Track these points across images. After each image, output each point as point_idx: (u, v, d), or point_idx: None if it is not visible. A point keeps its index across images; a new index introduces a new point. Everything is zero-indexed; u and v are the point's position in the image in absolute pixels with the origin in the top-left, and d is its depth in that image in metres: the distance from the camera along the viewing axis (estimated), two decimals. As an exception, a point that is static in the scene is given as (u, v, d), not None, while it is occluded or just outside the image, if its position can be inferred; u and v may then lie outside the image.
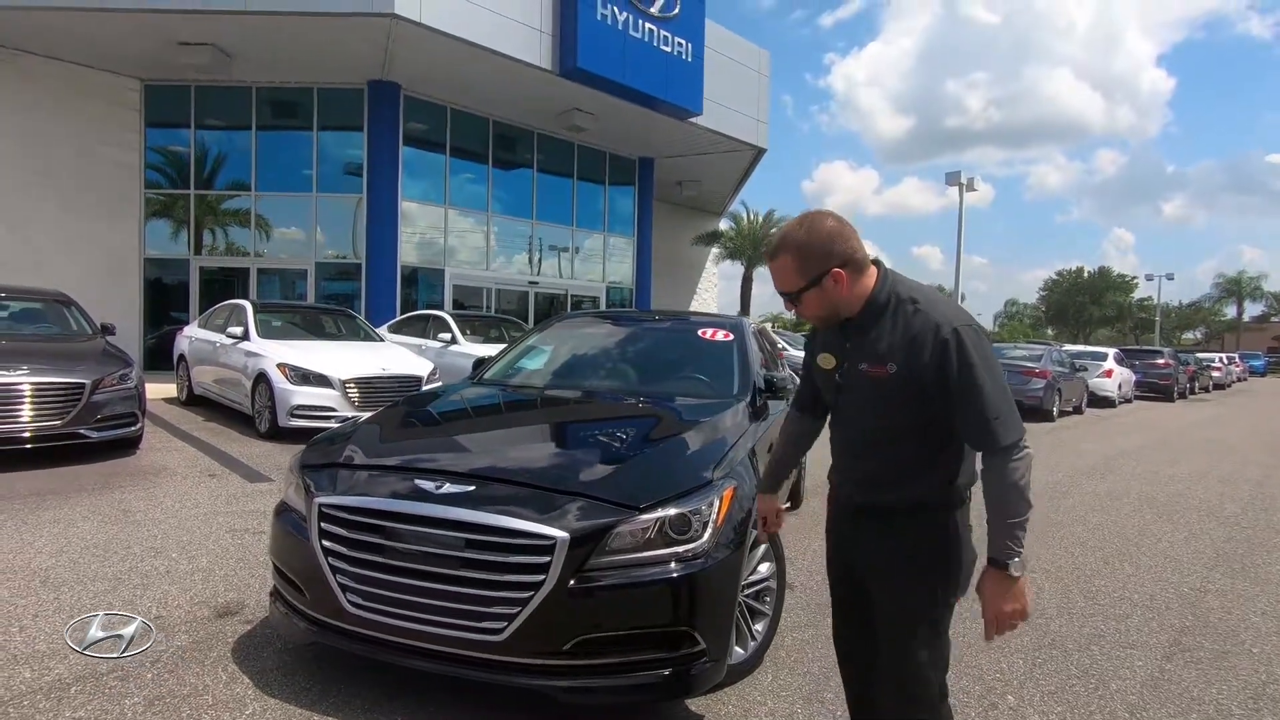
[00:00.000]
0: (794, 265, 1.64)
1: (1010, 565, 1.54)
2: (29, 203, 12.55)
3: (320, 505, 2.42)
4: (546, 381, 3.94)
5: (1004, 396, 1.56)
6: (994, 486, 1.57)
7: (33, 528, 4.20)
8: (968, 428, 1.58)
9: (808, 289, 1.64)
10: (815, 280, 1.63)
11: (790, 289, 1.66)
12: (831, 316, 1.70)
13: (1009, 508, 1.55)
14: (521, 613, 2.15)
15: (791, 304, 1.70)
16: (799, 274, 1.64)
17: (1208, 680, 2.92)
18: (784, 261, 1.65)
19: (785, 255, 1.65)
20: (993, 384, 1.54)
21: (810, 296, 1.65)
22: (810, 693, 2.66)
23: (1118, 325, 64.88)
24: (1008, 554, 1.54)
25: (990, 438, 1.54)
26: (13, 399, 5.48)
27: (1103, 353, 18.62)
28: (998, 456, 1.55)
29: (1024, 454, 1.55)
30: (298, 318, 9.50)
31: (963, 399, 1.55)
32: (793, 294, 1.67)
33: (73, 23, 11.28)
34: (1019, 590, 1.56)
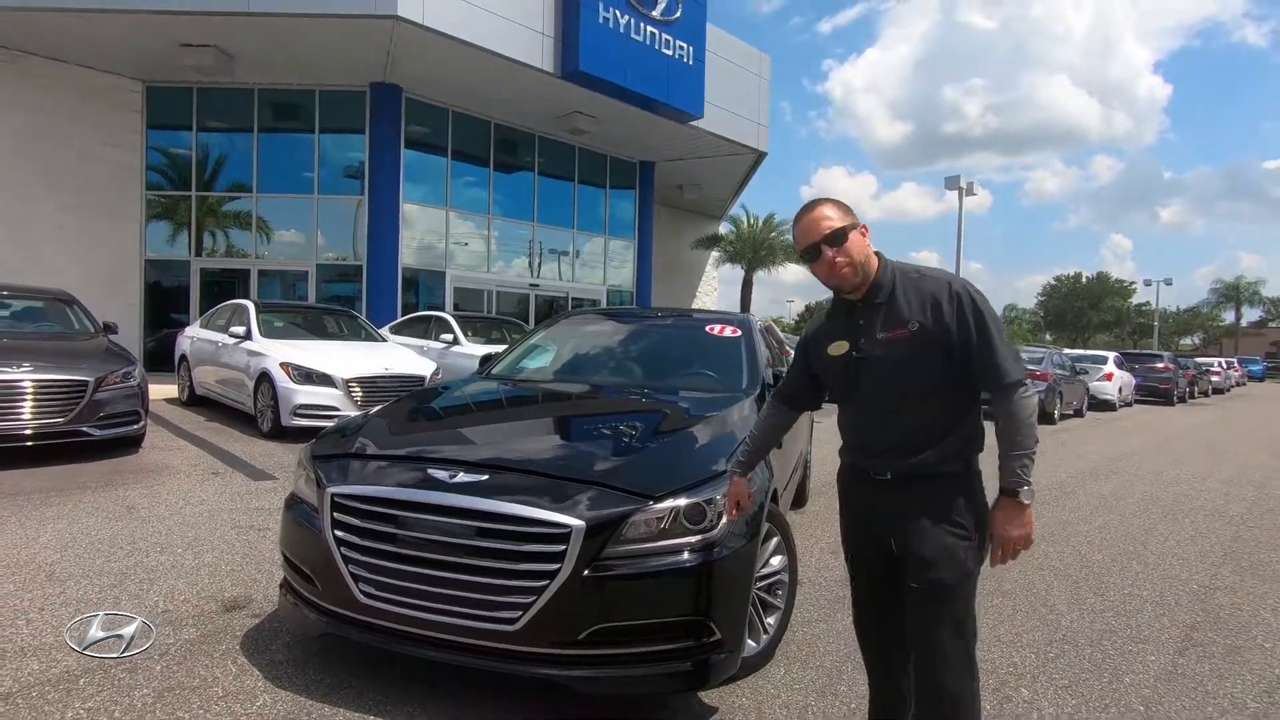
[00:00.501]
0: (835, 212, 1.82)
1: (1020, 493, 1.71)
2: (30, 203, 12.53)
3: (333, 495, 2.41)
4: (555, 376, 3.94)
5: (1007, 342, 1.78)
6: (1005, 420, 1.74)
7: (37, 524, 4.18)
8: (983, 369, 1.75)
9: (851, 229, 1.81)
10: (852, 225, 1.82)
11: (839, 226, 1.80)
12: (860, 275, 1.82)
13: (1019, 440, 1.72)
14: (536, 602, 2.14)
15: (836, 248, 1.79)
16: (841, 219, 1.81)
17: (1221, 674, 2.90)
18: (826, 208, 1.83)
19: (825, 205, 1.84)
20: (998, 332, 1.76)
21: (853, 238, 1.80)
22: (824, 686, 2.64)
23: (1116, 330, 64.97)
24: (1018, 482, 1.72)
25: (1001, 375, 1.73)
26: (15, 396, 5.46)
27: (1103, 356, 18.65)
28: (1007, 391, 1.73)
29: (1030, 391, 1.75)
30: (300, 318, 9.49)
31: (980, 344, 1.74)
32: (840, 231, 1.80)
33: (75, 24, 11.28)
34: (1027, 517, 1.74)
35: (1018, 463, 1.72)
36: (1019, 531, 1.73)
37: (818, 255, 1.81)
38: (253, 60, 12.89)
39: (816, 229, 1.81)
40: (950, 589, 1.74)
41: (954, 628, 1.75)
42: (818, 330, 2.01)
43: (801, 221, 1.85)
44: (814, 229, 1.81)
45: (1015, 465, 1.72)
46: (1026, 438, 1.72)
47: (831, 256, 1.79)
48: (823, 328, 1.98)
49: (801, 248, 1.85)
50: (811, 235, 1.82)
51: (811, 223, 1.82)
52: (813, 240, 1.81)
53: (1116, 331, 65.19)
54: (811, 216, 1.82)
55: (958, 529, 1.76)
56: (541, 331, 4.56)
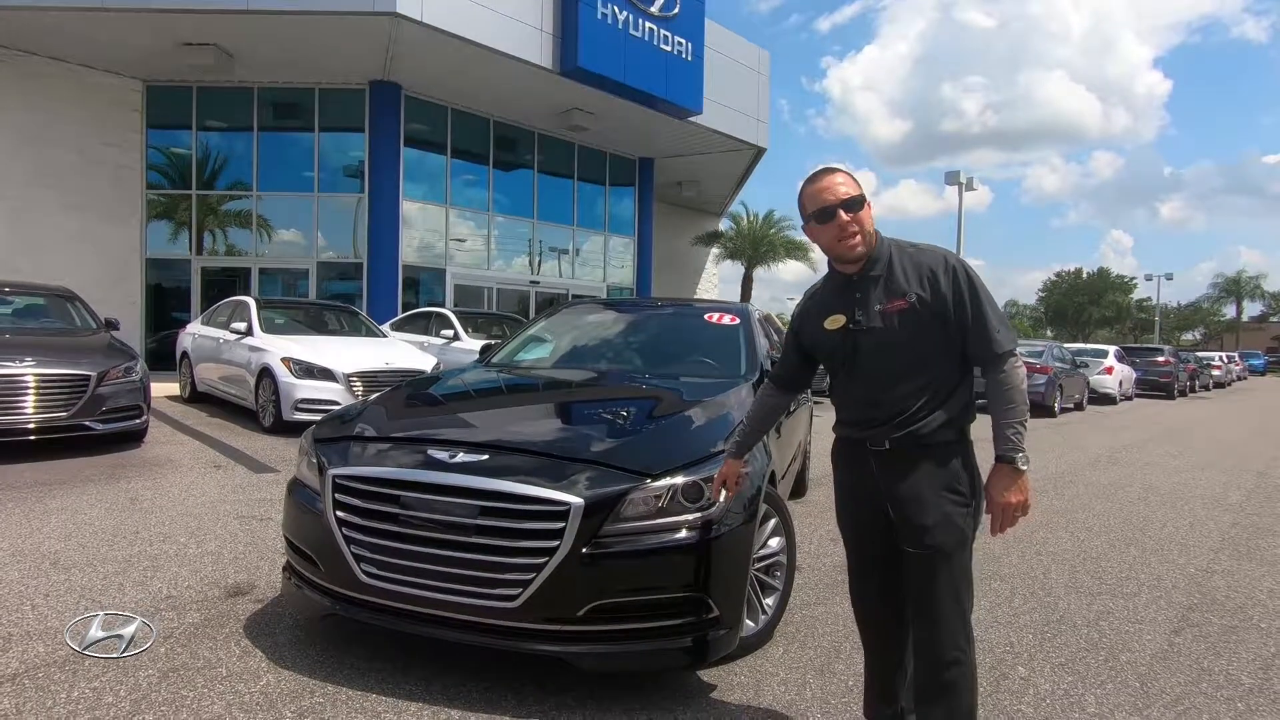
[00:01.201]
0: (850, 181, 1.84)
1: (1016, 459, 1.75)
2: (32, 203, 12.56)
3: (334, 477, 2.43)
4: (554, 364, 3.96)
5: (1000, 314, 1.82)
6: (997, 389, 1.79)
7: (41, 515, 4.21)
8: (977, 339, 1.79)
9: (865, 200, 1.83)
10: (864, 198, 1.83)
11: (856, 194, 1.82)
12: (867, 245, 1.85)
13: (1012, 408, 1.76)
14: (535, 579, 2.16)
15: (852, 214, 1.81)
16: (855, 186, 1.84)
17: (1217, 652, 2.92)
18: (842, 175, 1.85)
19: (841, 172, 1.86)
20: (991, 304, 1.81)
21: (866, 208, 1.83)
22: (822, 665, 2.66)
23: (1117, 326, 64.95)
24: (1013, 449, 1.75)
25: (994, 344, 1.78)
26: (18, 390, 5.49)
27: (1103, 350, 18.65)
28: (999, 360, 1.78)
29: (1020, 361, 1.81)
30: (301, 314, 9.52)
31: (974, 315, 1.78)
32: (857, 199, 1.81)
33: (75, 23, 11.30)
34: (1023, 483, 1.77)
35: (1011, 429, 1.75)
36: (1017, 497, 1.76)
37: (831, 217, 1.81)
38: (252, 59, 12.91)
39: (835, 192, 1.81)
40: (948, 555, 1.77)
41: (952, 594, 1.78)
42: (810, 306, 2.02)
43: (817, 183, 1.84)
44: (832, 191, 1.82)
45: (1009, 432, 1.76)
46: (1018, 405, 1.76)
47: (846, 220, 1.80)
48: (816, 303, 2.00)
49: (813, 209, 1.84)
50: (827, 198, 1.82)
51: (830, 185, 1.83)
52: (829, 203, 1.81)
53: (1118, 327, 65.17)
54: (830, 180, 1.83)
55: (956, 496, 1.80)
56: (541, 322, 4.59)
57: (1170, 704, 2.48)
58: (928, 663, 1.80)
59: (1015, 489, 1.76)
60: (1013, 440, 1.75)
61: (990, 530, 1.84)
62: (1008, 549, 4.31)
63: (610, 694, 2.34)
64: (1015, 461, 1.74)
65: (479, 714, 2.22)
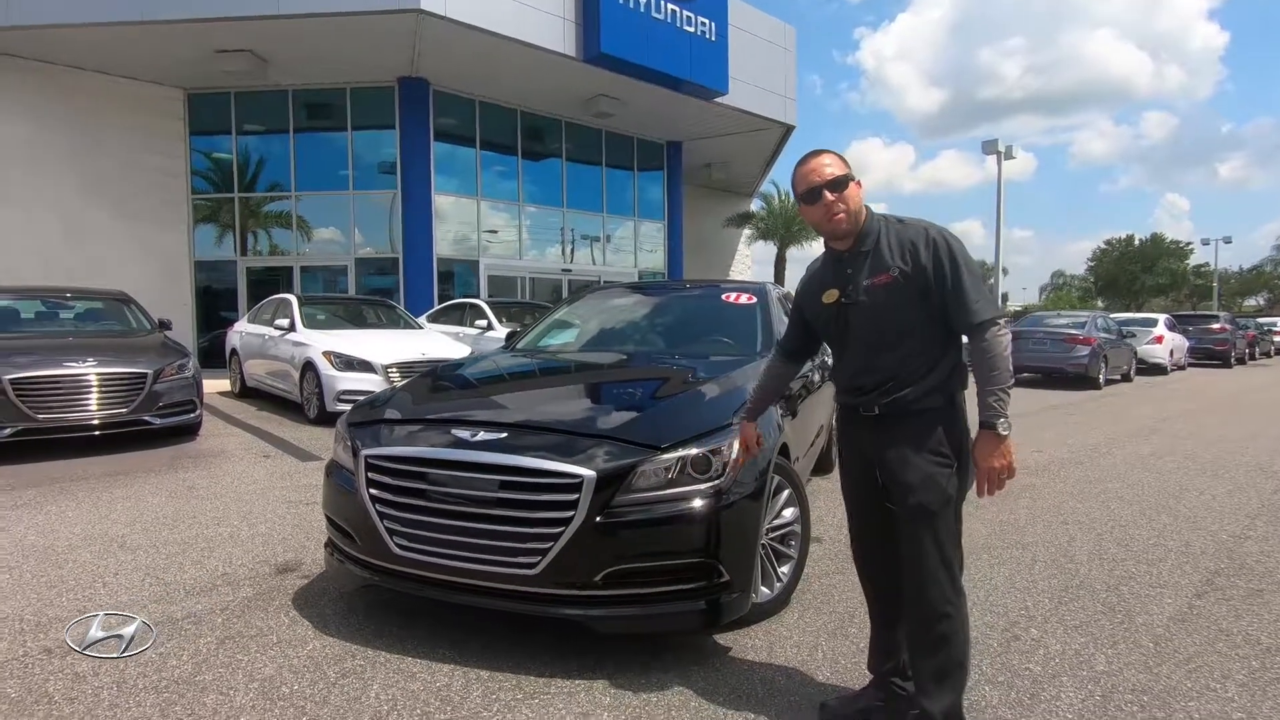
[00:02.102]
0: (836, 161, 1.95)
1: (998, 425, 1.81)
2: (86, 212, 13.18)
3: (367, 458, 2.61)
4: (576, 347, 4.09)
5: (981, 284, 1.88)
6: (980, 357, 1.85)
7: (107, 503, 4.53)
8: (956, 309, 1.86)
9: (849, 180, 1.93)
10: (850, 177, 1.94)
11: (841, 174, 1.93)
12: (854, 223, 1.95)
13: (994, 375, 1.82)
14: (553, 548, 2.30)
15: (836, 194, 1.91)
16: (841, 168, 1.94)
17: (1238, 614, 2.92)
18: (828, 157, 1.96)
19: (827, 154, 1.97)
20: (971, 275, 1.87)
21: (852, 187, 1.93)
22: (835, 629, 2.76)
23: (1173, 294, 62.40)
24: (995, 415, 1.81)
25: (972, 314, 1.84)
26: (83, 389, 5.86)
27: (1152, 319, 18.04)
28: (980, 330, 1.84)
29: (1003, 329, 1.84)
30: (340, 309, 9.85)
31: (953, 286, 1.86)
32: (842, 179, 1.92)
33: (119, 36, 11.78)
34: (1006, 448, 1.82)
35: (992, 397, 1.81)
36: (1000, 462, 1.82)
37: (818, 198, 1.93)
38: (285, 62, 13.27)
39: (820, 173, 1.93)
40: (932, 513, 1.85)
41: (938, 550, 1.86)
42: (810, 281, 2.14)
43: (805, 165, 1.97)
44: (818, 172, 1.94)
45: (990, 400, 1.82)
46: (1000, 373, 1.81)
47: (831, 200, 1.91)
48: (815, 278, 2.12)
49: (802, 190, 1.97)
50: (813, 179, 1.94)
51: (816, 167, 1.95)
52: (814, 184, 1.93)
53: (1174, 295, 62.64)
54: (815, 162, 1.96)
55: (939, 458, 1.87)
56: (565, 307, 4.72)
57: (1182, 662, 2.50)
58: (919, 616, 1.89)
59: (998, 454, 1.81)
60: (994, 407, 1.81)
61: (976, 493, 1.90)
62: (1033, 518, 4.32)
63: (628, 655, 2.47)
64: (996, 427, 1.80)
65: (506, 674, 2.37)
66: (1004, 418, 1.81)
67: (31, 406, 5.64)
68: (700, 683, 2.33)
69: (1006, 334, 1.85)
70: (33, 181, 12.64)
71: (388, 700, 2.23)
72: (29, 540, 3.79)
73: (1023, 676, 2.40)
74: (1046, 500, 4.78)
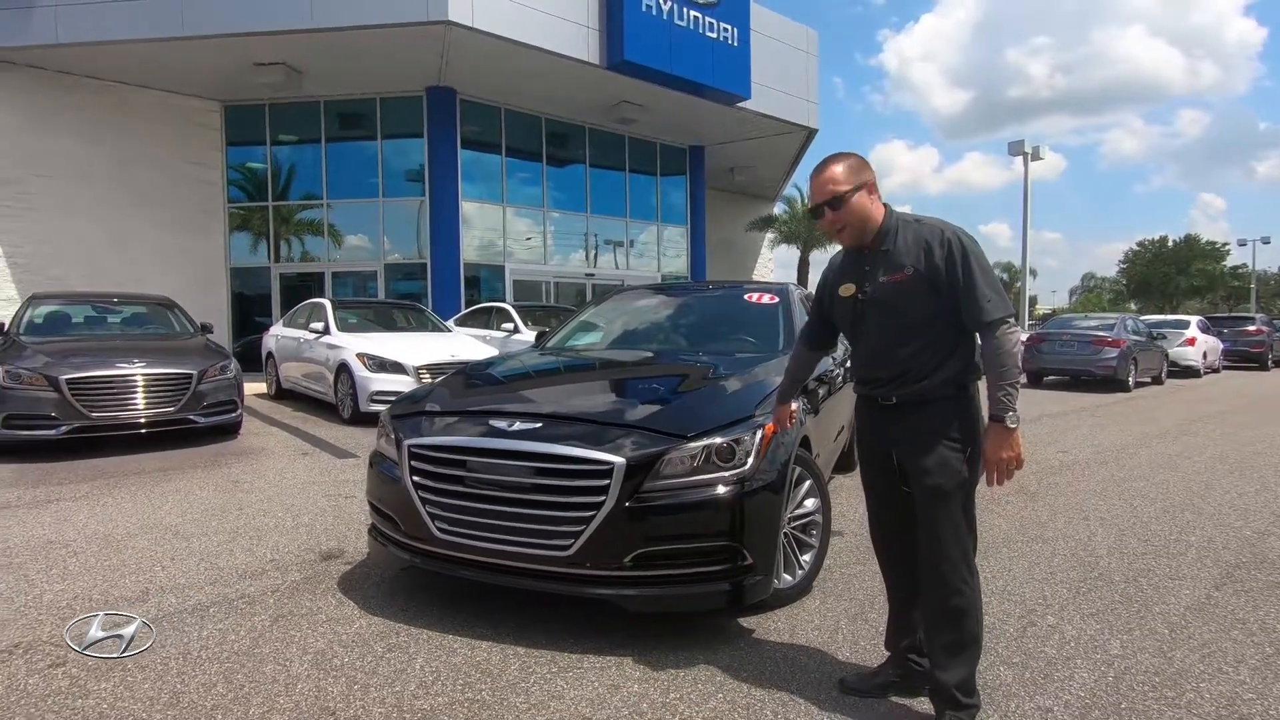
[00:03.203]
0: (842, 175, 2.05)
1: (1006, 418, 1.89)
2: (129, 222, 13.67)
3: (410, 447, 2.77)
4: (604, 346, 4.23)
5: (993, 283, 1.96)
6: (991, 355, 1.94)
7: (159, 495, 4.77)
8: (968, 307, 1.95)
9: (854, 192, 2.03)
10: (856, 188, 2.03)
11: (842, 190, 2.03)
12: (862, 230, 2.07)
13: (1003, 371, 1.91)
14: (585, 531, 2.44)
15: (835, 210, 2.02)
16: (846, 181, 2.04)
17: (1255, 604, 2.97)
18: (836, 169, 2.06)
19: (835, 166, 2.06)
20: (983, 273, 1.95)
21: (855, 201, 2.03)
22: (855, 613, 2.86)
23: (1209, 295, 60.95)
24: (1004, 409, 1.90)
25: (982, 313, 1.92)
26: (133, 388, 6.15)
27: (1184, 321, 17.76)
28: (990, 328, 1.93)
29: (1013, 328, 1.93)
30: (372, 313, 10.12)
31: (965, 284, 1.94)
32: (840, 196, 2.03)
33: (160, 52, 12.23)
34: (1015, 440, 1.91)
35: (1001, 391, 1.91)
36: (1008, 454, 1.91)
37: (820, 215, 2.09)
38: (318, 74, 13.66)
39: (822, 191, 2.06)
40: (948, 494, 1.97)
41: (953, 529, 1.97)
42: (830, 275, 2.28)
43: (815, 176, 2.09)
44: (819, 191, 2.07)
45: (999, 394, 1.91)
46: (1008, 369, 1.91)
47: (830, 219, 2.06)
48: (834, 272, 2.25)
49: (810, 204, 2.11)
50: (815, 197, 2.08)
51: (819, 184, 2.07)
52: (816, 202, 2.08)
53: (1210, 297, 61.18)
54: (821, 178, 2.07)
55: (952, 443, 1.98)
56: (591, 308, 4.87)
57: (1196, 648, 2.57)
58: (934, 593, 2.00)
59: (1006, 445, 1.90)
60: (1003, 401, 1.90)
61: (986, 483, 1.99)
62: (1054, 514, 4.37)
63: (657, 634, 2.60)
64: (1005, 420, 1.89)
65: (540, 650, 2.52)
66: (1012, 411, 1.90)
67: (86, 405, 5.93)
68: (725, 659, 2.45)
69: (1016, 332, 1.94)
70: (80, 192, 13.16)
71: (431, 672, 2.38)
72: (90, 529, 4.02)
73: (1037, 659, 2.48)
74: (1069, 498, 4.82)
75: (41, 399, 5.85)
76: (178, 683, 2.33)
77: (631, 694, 2.24)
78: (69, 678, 2.37)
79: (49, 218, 12.88)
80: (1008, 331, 1.92)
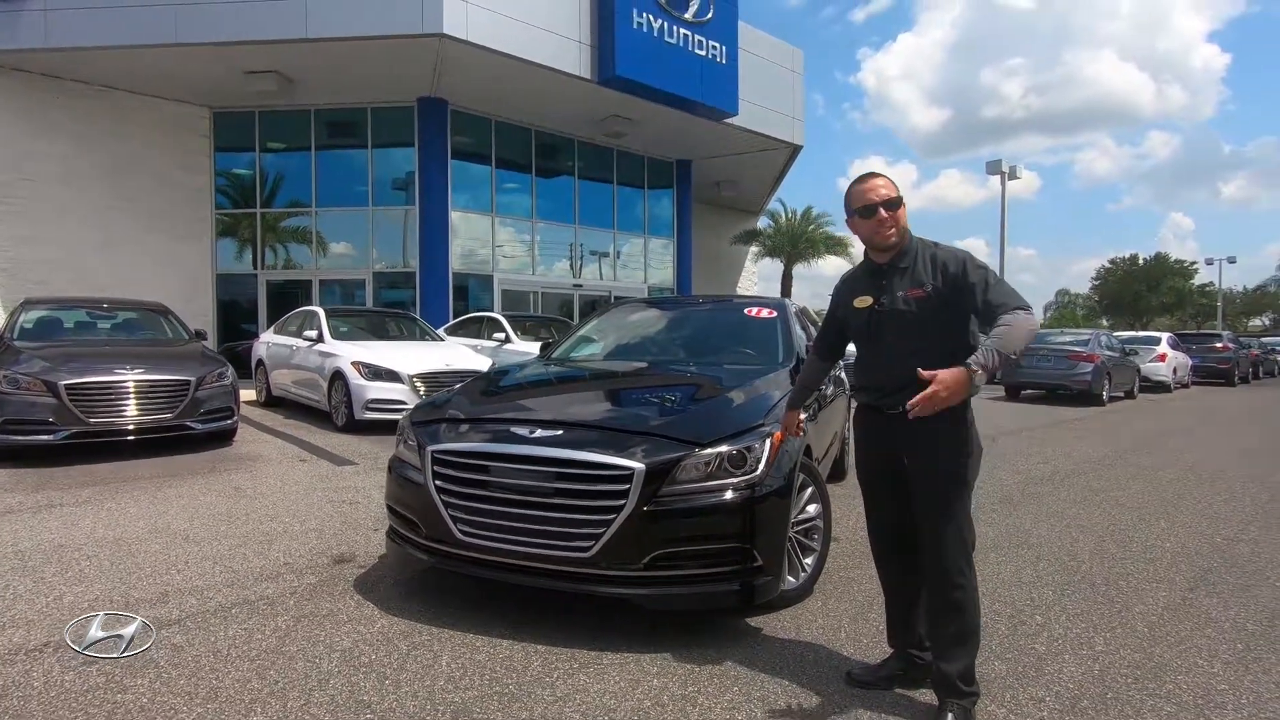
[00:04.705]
0: (891, 185, 2.25)
1: (971, 363, 1.91)
2: (117, 227, 13.59)
3: (433, 452, 2.89)
4: (613, 358, 4.37)
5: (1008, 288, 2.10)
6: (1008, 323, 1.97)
7: (164, 501, 4.81)
8: (986, 307, 2.07)
9: (902, 202, 2.24)
10: (902, 200, 2.24)
11: (894, 196, 2.22)
12: (901, 238, 2.24)
13: (1007, 338, 1.94)
14: (606, 533, 2.57)
15: (889, 213, 2.20)
16: (896, 192, 2.24)
17: (1226, 605, 3.17)
18: (885, 181, 2.26)
19: (882, 177, 2.27)
20: (998, 283, 2.12)
21: (903, 209, 2.25)
22: (855, 614, 3.01)
23: (1178, 313, 62.56)
24: (978, 360, 1.91)
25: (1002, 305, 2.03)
26: (132, 394, 6.16)
27: (1155, 337, 18.29)
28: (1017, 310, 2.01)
29: (1031, 314, 2.02)
30: (364, 321, 10.17)
31: (981, 289, 2.09)
32: (895, 200, 2.22)
33: (153, 58, 12.23)
34: (960, 383, 1.90)
35: (990, 349, 1.91)
36: (945, 390, 1.89)
37: (873, 213, 2.23)
38: (310, 83, 13.71)
39: (877, 192, 2.24)
40: (950, 496, 2.14)
41: (955, 528, 2.14)
42: (845, 286, 2.44)
43: (863, 184, 2.27)
44: (875, 191, 2.24)
45: (983, 346, 1.93)
46: (1015, 339, 1.93)
47: (885, 216, 2.22)
48: (851, 284, 2.42)
49: (858, 205, 2.26)
50: (871, 197, 2.24)
51: (874, 186, 2.25)
52: (873, 201, 2.24)
53: (1178, 314, 62.79)
54: (874, 182, 2.26)
55: (954, 449, 2.15)
56: (593, 320, 5.01)
57: (1174, 644, 2.75)
58: (937, 586, 2.15)
59: (950, 382, 1.89)
60: (980, 357, 1.90)
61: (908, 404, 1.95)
62: (1038, 522, 4.56)
63: (670, 633, 2.73)
64: (970, 365, 1.90)
65: (560, 648, 2.63)
66: (981, 367, 1.89)
67: (84, 411, 5.94)
68: (737, 655, 2.59)
69: (1034, 319, 2.02)
70: (68, 196, 13.07)
71: (458, 668, 2.49)
72: (99, 533, 4.07)
73: (1028, 654, 2.65)
74: (1051, 506, 5.02)
75: (39, 404, 5.85)
76: (213, 678, 2.41)
77: (652, 688, 2.36)
78: (104, 674, 2.44)
79: (35, 221, 12.78)
80: (1027, 315, 2.00)
